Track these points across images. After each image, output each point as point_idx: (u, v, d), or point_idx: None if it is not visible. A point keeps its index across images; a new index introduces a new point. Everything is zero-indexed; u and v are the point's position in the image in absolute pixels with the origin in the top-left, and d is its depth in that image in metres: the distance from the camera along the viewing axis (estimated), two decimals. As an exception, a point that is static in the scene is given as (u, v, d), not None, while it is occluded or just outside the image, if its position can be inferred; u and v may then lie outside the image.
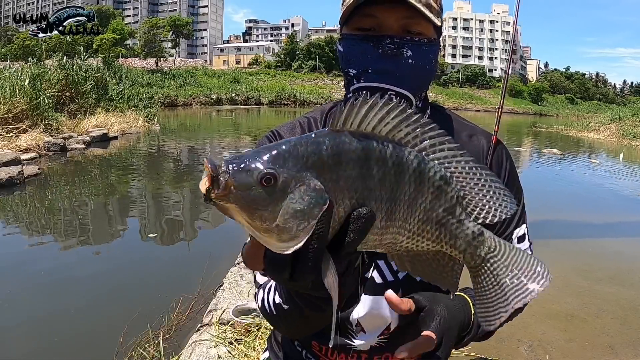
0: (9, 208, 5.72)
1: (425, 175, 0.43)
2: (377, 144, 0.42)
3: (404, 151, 0.43)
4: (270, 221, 0.38)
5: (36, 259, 4.09)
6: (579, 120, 32.42)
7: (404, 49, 0.72)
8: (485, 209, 0.46)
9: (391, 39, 0.72)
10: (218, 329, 2.38)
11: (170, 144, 12.98)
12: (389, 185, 0.43)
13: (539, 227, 5.46)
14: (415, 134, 0.43)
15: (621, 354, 2.64)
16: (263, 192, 0.37)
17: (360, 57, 0.73)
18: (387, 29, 0.73)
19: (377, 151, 0.42)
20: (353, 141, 0.41)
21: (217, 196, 0.37)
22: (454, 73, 74.48)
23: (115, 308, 3.13)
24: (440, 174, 0.44)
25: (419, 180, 0.43)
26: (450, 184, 0.44)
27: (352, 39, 0.75)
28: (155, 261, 4.30)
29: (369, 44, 0.73)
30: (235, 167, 0.38)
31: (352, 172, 0.41)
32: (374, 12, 0.72)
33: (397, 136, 0.43)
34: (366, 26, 0.75)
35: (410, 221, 0.44)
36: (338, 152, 0.40)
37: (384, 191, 0.43)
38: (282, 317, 0.68)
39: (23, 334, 2.77)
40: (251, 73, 55.56)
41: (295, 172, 0.39)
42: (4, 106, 9.17)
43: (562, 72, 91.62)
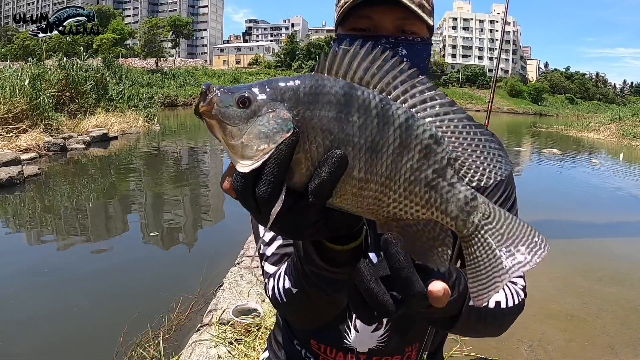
0: (9, 208, 5.72)
1: (413, 131, 0.42)
2: (362, 93, 0.42)
3: (390, 104, 0.42)
4: (237, 138, 0.41)
5: (36, 258, 4.09)
6: (579, 120, 32.43)
7: (399, 48, 0.74)
8: (480, 171, 0.43)
9: (387, 38, 0.74)
10: (218, 329, 2.38)
11: (170, 144, 12.98)
12: (371, 135, 0.41)
13: (539, 227, 5.43)
14: (404, 88, 0.42)
15: (621, 354, 2.64)
16: (237, 111, 0.41)
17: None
18: (383, 30, 0.75)
19: (359, 99, 0.41)
20: (335, 85, 0.42)
21: (202, 109, 0.41)
22: (454, 73, 74.49)
23: (116, 308, 3.13)
24: (430, 132, 0.42)
25: (405, 136, 0.42)
26: (441, 143, 0.42)
27: (349, 39, 0.77)
28: (156, 261, 4.30)
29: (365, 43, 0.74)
30: (222, 89, 0.42)
31: (327, 113, 0.41)
32: (370, 13, 0.74)
33: (384, 89, 0.42)
34: (362, 27, 0.76)
35: (394, 179, 0.42)
36: (316, 91, 0.42)
37: (363, 140, 0.41)
38: (291, 303, 0.69)
39: (23, 333, 2.77)
40: (251, 73, 55.59)
41: (269, 100, 0.42)
42: (4, 106, 9.17)
43: (562, 72, 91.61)
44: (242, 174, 0.41)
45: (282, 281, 0.70)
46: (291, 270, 0.65)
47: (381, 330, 0.83)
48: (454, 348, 2.41)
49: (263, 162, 0.40)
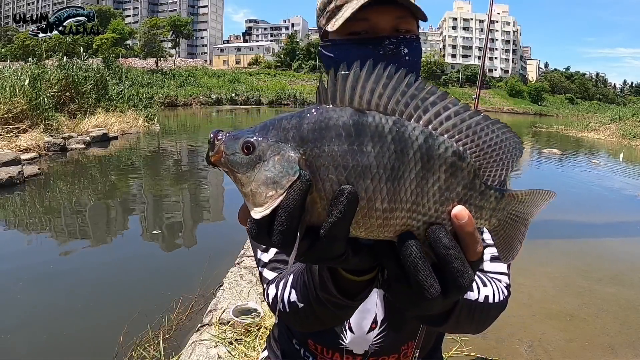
0: (9, 208, 5.72)
1: (435, 152, 0.40)
2: (372, 118, 0.40)
3: (405, 125, 0.40)
4: (246, 185, 0.40)
5: (36, 259, 4.09)
6: (579, 120, 32.42)
7: (401, 47, 0.74)
8: (500, 168, 0.44)
9: (389, 39, 0.73)
10: (218, 329, 2.38)
11: (170, 144, 12.98)
12: (389, 163, 0.39)
13: (539, 227, 5.46)
14: (416, 103, 0.40)
15: (621, 354, 2.64)
16: (243, 157, 0.40)
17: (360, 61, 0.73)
18: (380, 31, 0.74)
19: (371, 126, 0.39)
20: (342, 115, 0.39)
21: (212, 158, 0.42)
22: (454, 73, 74.50)
23: (116, 308, 3.13)
24: (453, 149, 0.41)
25: (427, 158, 0.40)
26: (464, 158, 0.41)
27: (347, 44, 0.75)
28: (156, 261, 4.30)
29: (367, 47, 0.73)
30: (229, 135, 0.42)
31: (338, 147, 0.39)
32: (366, 15, 0.72)
33: (395, 108, 0.40)
34: (359, 30, 0.74)
35: (422, 203, 0.41)
36: (322, 125, 0.39)
37: (382, 169, 0.39)
38: (295, 314, 0.68)
39: (23, 333, 2.77)
40: (251, 73, 55.61)
41: (273, 142, 0.40)
42: (4, 106, 9.18)
43: (562, 72, 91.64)
44: (255, 221, 0.40)
45: (288, 293, 0.69)
46: (299, 287, 0.65)
47: (376, 331, 0.83)
48: (453, 348, 2.41)
49: (273, 209, 0.39)
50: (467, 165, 0.42)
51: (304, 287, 0.61)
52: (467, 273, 0.42)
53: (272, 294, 0.73)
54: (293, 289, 0.67)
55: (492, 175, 0.44)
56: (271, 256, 0.77)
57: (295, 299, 0.66)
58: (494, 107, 59.32)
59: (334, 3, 0.75)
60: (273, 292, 0.73)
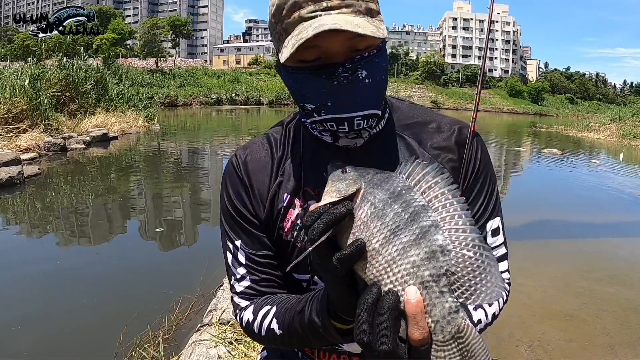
0: (9, 208, 5.72)
1: (429, 236, 0.49)
2: (412, 195, 0.51)
3: (426, 211, 0.50)
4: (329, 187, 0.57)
5: (36, 259, 4.09)
6: (579, 120, 32.42)
7: (358, 71, 0.66)
8: (470, 291, 0.48)
9: (343, 67, 0.65)
10: (218, 329, 2.38)
11: (170, 144, 12.98)
12: (398, 222, 0.50)
13: (539, 227, 5.46)
14: (444, 204, 0.50)
15: (621, 354, 2.64)
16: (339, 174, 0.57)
17: (314, 92, 0.67)
18: (334, 56, 0.66)
19: (407, 197, 0.51)
20: (400, 183, 0.52)
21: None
22: (454, 73, 74.49)
23: (115, 308, 3.13)
24: (441, 242, 0.48)
25: (421, 235, 0.49)
26: (446, 255, 0.48)
27: (301, 74, 0.68)
28: (155, 261, 4.30)
29: (320, 77, 0.66)
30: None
31: (382, 194, 0.52)
32: (317, 42, 0.63)
33: (434, 201, 0.51)
34: (311, 58, 0.66)
35: (397, 264, 0.49)
36: (385, 180, 0.53)
37: (392, 222, 0.50)
38: (270, 339, 0.73)
39: (23, 333, 2.77)
40: (251, 73, 55.57)
41: (356, 175, 0.56)
42: (4, 106, 9.18)
43: (562, 72, 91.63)
44: (311, 212, 0.53)
45: (267, 321, 0.73)
46: (283, 320, 0.70)
47: None
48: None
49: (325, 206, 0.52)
50: (443, 261, 0.48)
51: (293, 323, 0.68)
52: (383, 342, 0.48)
53: (246, 318, 0.77)
54: (275, 318, 0.72)
55: (460, 291, 0.49)
56: (243, 288, 0.79)
57: (277, 327, 0.71)
58: (494, 107, 59.33)
59: (280, 25, 0.67)
60: (250, 318, 0.76)
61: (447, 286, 0.48)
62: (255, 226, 0.79)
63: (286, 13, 0.65)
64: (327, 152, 0.76)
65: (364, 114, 0.68)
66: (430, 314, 0.48)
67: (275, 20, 0.68)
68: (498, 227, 0.79)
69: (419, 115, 0.82)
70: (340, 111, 0.68)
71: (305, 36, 0.61)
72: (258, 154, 0.81)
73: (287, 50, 0.64)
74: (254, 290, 0.79)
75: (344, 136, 0.73)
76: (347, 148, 0.76)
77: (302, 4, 0.64)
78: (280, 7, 0.66)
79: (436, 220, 0.49)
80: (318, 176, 0.76)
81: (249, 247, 0.79)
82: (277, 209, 0.78)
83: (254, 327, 0.75)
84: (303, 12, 0.64)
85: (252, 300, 0.79)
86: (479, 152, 0.79)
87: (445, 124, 0.81)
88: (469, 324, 0.49)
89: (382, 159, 0.76)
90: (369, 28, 0.63)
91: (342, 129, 0.70)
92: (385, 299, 0.49)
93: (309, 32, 0.61)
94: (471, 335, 0.48)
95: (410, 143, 0.78)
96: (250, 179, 0.79)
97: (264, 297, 0.77)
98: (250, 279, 0.79)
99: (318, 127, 0.73)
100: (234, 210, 0.80)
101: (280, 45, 0.68)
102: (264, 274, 0.78)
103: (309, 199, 0.76)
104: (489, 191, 0.79)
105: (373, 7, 0.68)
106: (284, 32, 0.67)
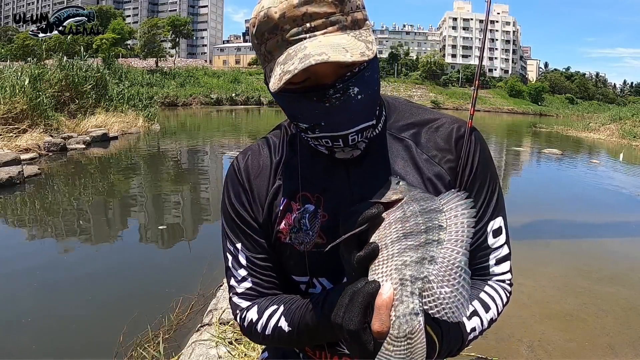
0: (9, 208, 5.72)
1: (428, 246, 0.55)
2: (440, 213, 0.57)
3: (441, 230, 0.55)
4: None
5: (36, 258, 4.09)
6: (579, 120, 32.41)
7: (349, 90, 0.63)
8: (436, 303, 0.52)
9: (334, 88, 0.63)
10: (218, 329, 2.38)
11: (170, 144, 12.99)
12: (413, 229, 0.56)
13: (539, 227, 5.46)
14: (456, 229, 0.55)
15: (621, 354, 2.64)
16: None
17: (307, 113, 0.66)
18: (323, 77, 0.63)
19: (434, 214, 0.57)
20: (433, 202, 0.59)
21: None
22: (454, 73, 74.50)
23: (116, 308, 3.14)
24: (433, 254, 0.54)
25: (423, 244, 0.55)
26: (431, 264, 0.53)
27: (290, 96, 0.66)
28: (156, 261, 4.30)
29: (311, 99, 0.64)
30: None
31: (415, 207, 0.59)
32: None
33: (449, 227, 0.56)
34: (299, 80, 0.63)
35: (393, 260, 0.55)
36: (415, 199, 0.61)
37: (409, 227, 0.57)
38: (275, 338, 0.75)
39: (22, 333, 2.77)
40: (251, 73, 55.52)
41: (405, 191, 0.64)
42: (4, 106, 9.18)
43: (562, 72, 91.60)
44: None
45: (275, 319, 0.74)
46: (293, 317, 0.72)
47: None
48: (454, 348, 2.41)
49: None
50: (427, 269, 0.53)
51: (309, 326, 0.69)
52: (351, 322, 0.55)
53: (253, 318, 0.78)
54: (283, 316, 0.74)
55: (427, 300, 0.53)
56: (244, 289, 0.81)
57: (286, 325, 0.73)
58: (494, 107, 59.35)
59: (264, 47, 0.64)
60: (254, 318, 0.77)
61: (419, 290, 0.53)
62: (255, 230, 0.80)
63: (268, 35, 0.63)
64: (325, 156, 0.76)
65: (358, 128, 0.68)
66: (395, 308, 0.53)
67: (258, 41, 0.65)
68: (500, 227, 0.78)
69: (416, 115, 0.81)
70: (334, 130, 0.67)
71: (293, 70, 0.58)
72: (257, 158, 0.82)
73: (276, 81, 0.61)
74: (255, 291, 0.80)
75: (339, 150, 0.72)
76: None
77: (284, 26, 0.61)
78: (261, 29, 0.63)
79: (443, 239, 0.54)
80: (315, 180, 0.76)
81: (249, 250, 0.80)
82: (274, 212, 0.78)
83: (258, 326, 0.76)
84: (286, 35, 0.61)
85: (253, 301, 0.79)
86: (478, 150, 0.77)
87: (443, 123, 0.79)
88: (422, 330, 0.52)
89: (378, 162, 0.75)
90: (357, 49, 0.60)
91: (337, 145, 0.69)
92: (366, 286, 0.54)
93: (296, 64, 0.58)
94: (419, 340, 0.52)
95: (408, 144, 0.77)
96: (250, 184, 0.80)
97: (267, 298, 0.79)
98: (252, 281, 0.80)
99: (314, 142, 0.73)
100: (234, 214, 0.81)
101: (267, 66, 0.66)
102: (264, 276, 0.79)
103: (306, 202, 0.76)
104: (489, 190, 0.77)
105: (359, 16, 0.64)
106: (269, 54, 0.64)
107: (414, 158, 0.76)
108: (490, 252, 0.77)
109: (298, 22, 0.61)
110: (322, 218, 0.74)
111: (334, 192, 0.75)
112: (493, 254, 0.78)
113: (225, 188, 0.83)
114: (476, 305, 0.73)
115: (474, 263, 0.77)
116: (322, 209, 0.75)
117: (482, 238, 0.76)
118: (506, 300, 0.78)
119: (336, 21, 0.62)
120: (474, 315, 0.72)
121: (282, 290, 0.80)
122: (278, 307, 0.75)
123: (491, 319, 0.74)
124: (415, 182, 0.74)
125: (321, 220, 0.74)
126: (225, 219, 0.83)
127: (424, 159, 0.76)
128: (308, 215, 0.75)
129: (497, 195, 0.79)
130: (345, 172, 0.75)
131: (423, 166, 0.75)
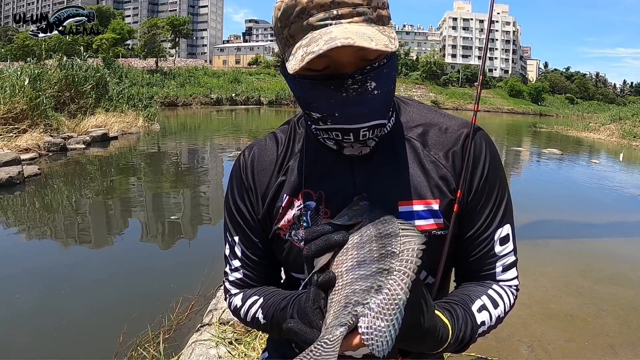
0: (9, 208, 5.72)
1: (378, 276, 0.56)
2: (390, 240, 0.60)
3: (394, 257, 0.57)
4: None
5: (36, 259, 4.09)
6: (579, 120, 32.41)
7: (367, 83, 0.64)
8: (368, 332, 0.53)
9: (353, 78, 0.63)
10: (218, 329, 2.38)
11: (170, 144, 12.98)
12: (366, 257, 0.59)
13: (539, 227, 5.46)
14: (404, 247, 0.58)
15: (621, 354, 2.64)
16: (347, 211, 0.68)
17: (322, 102, 0.66)
18: (344, 66, 0.63)
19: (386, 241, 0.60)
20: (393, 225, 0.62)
21: None
22: (454, 73, 74.48)
23: (115, 308, 3.13)
24: (380, 284, 0.56)
25: (374, 273, 0.57)
26: (377, 294, 0.55)
27: (308, 83, 0.66)
28: (156, 261, 4.30)
29: (329, 87, 0.64)
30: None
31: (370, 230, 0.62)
32: (326, 52, 0.59)
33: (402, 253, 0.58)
34: (319, 67, 0.64)
35: (345, 287, 0.58)
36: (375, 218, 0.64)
37: (362, 255, 0.59)
38: (255, 326, 0.80)
39: (23, 333, 2.77)
40: (251, 73, 55.54)
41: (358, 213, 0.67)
42: (4, 106, 9.18)
43: (562, 72, 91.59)
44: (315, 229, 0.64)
45: (253, 310, 0.79)
46: (267, 312, 0.76)
47: None
48: (454, 348, 2.41)
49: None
50: (370, 297, 0.55)
51: (277, 321, 0.73)
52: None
53: (237, 305, 0.83)
54: (261, 308, 0.78)
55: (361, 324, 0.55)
56: (235, 278, 0.86)
57: (261, 316, 0.77)
58: (494, 107, 59.33)
59: (287, 30, 0.64)
60: (238, 304, 0.83)
61: (356, 312, 0.55)
62: (252, 228, 0.82)
63: (294, 19, 0.63)
64: (330, 154, 0.76)
65: (371, 124, 0.68)
66: (328, 318, 0.57)
67: (282, 24, 0.65)
68: (507, 235, 0.77)
69: (426, 117, 0.80)
70: (347, 122, 0.67)
71: (317, 50, 0.58)
72: (263, 154, 0.83)
73: (297, 62, 0.61)
74: (244, 282, 0.85)
75: (348, 145, 0.72)
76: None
77: (310, 11, 0.61)
78: (287, 12, 0.63)
79: (393, 269, 0.56)
80: (319, 178, 0.76)
81: (244, 245, 0.83)
82: (276, 208, 0.79)
83: (241, 312, 0.82)
84: (312, 19, 0.61)
85: (241, 289, 0.85)
86: (488, 155, 0.76)
87: (452, 126, 0.79)
88: (338, 342, 0.54)
89: (385, 162, 0.75)
90: (381, 40, 0.60)
91: (347, 139, 0.69)
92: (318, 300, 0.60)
93: (320, 45, 0.58)
94: (333, 349, 0.54)
95: (415, 145, 0.77)
96: (254, 179, 0.81)
97: (253, 288, 0.84)
98: (243, 273, 0.84)
99: (323, 135, 0.73)
100: (235, 209, 0.83)
101: (287, 50, 0.65)
102: (255, 271, 0.84)
103: (308, 200, 0.76)
104: (498, 197, 0.77)
105: (384, 14, 0.65)
106: (291, 38, 0.64)
107: (421, 159, 0.76)
108: (497, 260, 0.77)
109: (325, 8, 0.61)
110: (324, 215, 0.74)
111: (338, 189, 0.75)
112: (500, 262, 0.78)
113: (230, 183, 0.85)
114: (485, 300, 0.73)
115: (481, 270, 0.78)
116: (324, 206, 0.75)
117: (489, 246, 0.76)
118: (513, 302, 0.78)
119: (363, 12, 0.62)
120: (483, 310, 0.72)
121: (274, 284, 0.85)
122: (258, 299, 0.79)
123: (499, 317, 0.74)
124: (421, 183, 0.74)
125: (323, 218, 0.74)
126: (227, 211, 0.86)
127: (430, 160, 0.76)
128: (309, 212, 0.75)
129: (506, 202, 0.78)
130: (350, 171, 0.75)
131: (429, 168, 0.75)
